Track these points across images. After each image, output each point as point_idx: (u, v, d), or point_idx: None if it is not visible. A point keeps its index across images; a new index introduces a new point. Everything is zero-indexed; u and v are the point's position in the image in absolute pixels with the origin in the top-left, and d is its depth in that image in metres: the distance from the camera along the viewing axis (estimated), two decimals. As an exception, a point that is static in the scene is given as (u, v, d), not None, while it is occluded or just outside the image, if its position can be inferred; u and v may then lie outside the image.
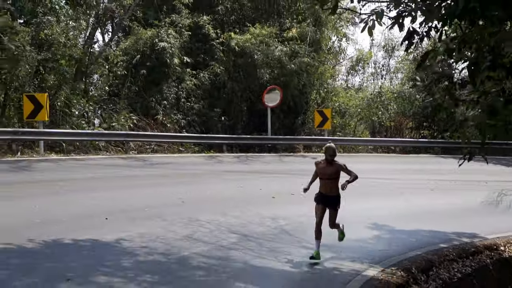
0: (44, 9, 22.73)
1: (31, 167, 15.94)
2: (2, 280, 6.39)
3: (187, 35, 25.34)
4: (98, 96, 24.02)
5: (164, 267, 7.49)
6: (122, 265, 7.40)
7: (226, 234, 9.71)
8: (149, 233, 9.19)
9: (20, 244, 7.89)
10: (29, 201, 11.04)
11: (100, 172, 16.08)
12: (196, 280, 7.10)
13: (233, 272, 7.59)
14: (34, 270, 6.87)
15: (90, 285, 6.47)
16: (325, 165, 9.04)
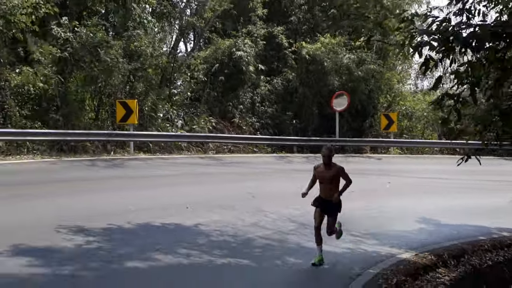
0: (134, 23, 25.26)
1: (124, 164, 18.31)
2: (109, 249, 8.40)
3: (262, 44, 27.26)
4: (181, 101, 26.33)
5: (231, 245, 9.30)
6: (198, 242, 9.26)
7: (286, 223, 11.41)
8: (221, 220, 11.03)
9: (120, 225, 9.91)
10: (125, 193, 13.22)
11: (182, 169, 18.23)
12: (255, 255, 8.87)
13: (286, 251, 9.30)
14: (131, 243, 8.84)
15: (173, 254, 8.37)
16: (324, 169, 8.82)
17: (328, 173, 8.75)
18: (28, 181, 14.10)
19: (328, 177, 8.74)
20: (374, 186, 16.66)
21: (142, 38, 24.07)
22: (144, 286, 7.05)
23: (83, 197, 12.26)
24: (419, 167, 22.18)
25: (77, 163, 17.77)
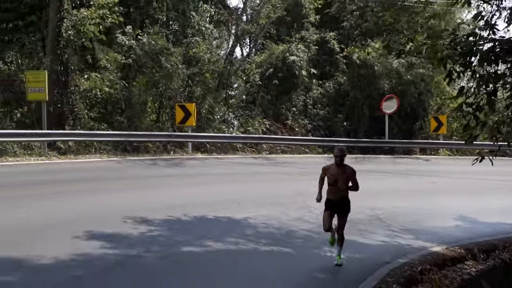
0: (193, 31, 26.73)
1: (183, 163, 19.68)
2: (168, 236, 9.61)
3: (315, 49, 28.25)
4: (237, 104, 27.61)
5: (275, 236, 10.36)
6: (246, 233, 10.38)
7: (329, 218, 12.42)
8: (268, 214, 12.09)
9: (178, 217, 11.14)
10: (182, 189, 14.52)
11: (236, 169, 19.43)
12: (296, 244, 9.91)
13: (325, 242, 10.27)
14: (187, 232, 10.03)
15: (223, 242, 9.50)
16: (337, 170, 8.64)
17: (342, 174, 8.62)
18: (96, 177, 15.62)
19: (341, 179, 8.62)
20: (418, 186, 17.38)
21: (200, 44, 25.47)
22: (195, 265, 8.22)
23: (146, 192, 13.61)
24: (467, 168, 22.48)
25: (140, 162, 19.28)
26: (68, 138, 20.42)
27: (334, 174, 8.60)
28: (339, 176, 8.57)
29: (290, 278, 7.66)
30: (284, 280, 7.59)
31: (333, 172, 8.61)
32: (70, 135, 20.58)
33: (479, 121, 8.26)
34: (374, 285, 7.65)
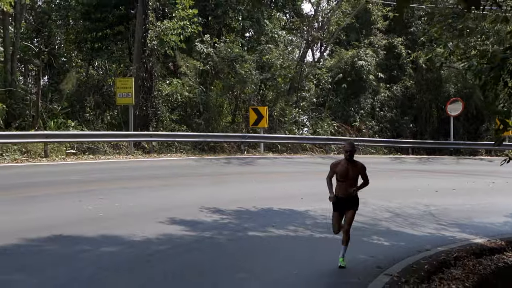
0: (266, 38, 28.34)
1: (254, 162, 21.28)
2: (237, 223, 11.14)
3: (383, 54, 29.21)
4: (307, 106, 29.01)
5: (330, 226, 11.69)
6: (305, 223, 11.75)
7: (383, 212, 13.51)
8: (328, 208, 13.20)
9: (247, 208, 12.63)
10: (253, 185, 16.07)
11: (303, 168, 20.79)
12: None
13: (375, 232, 11.50)
14: (253, 221, 11.50)
15: (284, 229, 10.89)
16: (347, 165, 8.51)
17: (352, 170, 8.48)
18: (177, 174, 17.44)
19: (352, 174, 8.49)
20: (477, 186, 18.10)
21: (273, 51, 27.02)
22: (257, 246, 9.66)
23: (220, 187, 15.24)
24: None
25: (215, 161, 21.04)
26: (152, 139, 22.50)
27: (344, 170, 8.47)
28: (349, 172, 8.46)
29: (336, 260, 8.96)
30: (332, 261, 8.90)
31: (343, 168, 8.48)
32: (153, 136, 22.65)
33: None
34: (408, 264, 8.85)
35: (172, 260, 8.33)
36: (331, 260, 8.83)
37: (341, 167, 8.48)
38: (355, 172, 8.46)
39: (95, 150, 21.55)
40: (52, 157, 19.39)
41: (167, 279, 7.46)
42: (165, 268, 7.88)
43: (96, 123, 24.20)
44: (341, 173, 8.47)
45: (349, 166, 8.43)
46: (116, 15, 27.75)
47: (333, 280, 8.14)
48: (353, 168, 8.44)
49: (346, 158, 8.45)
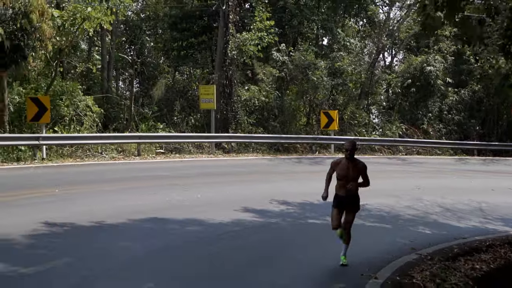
0: (338, 46, 29.87)
1: (323, 162, 22.84)
2: (300, 213, 12.85)
3: (451, 60, 30.01)
4: (377, 110, 30.29)
5: (382, 217, 13.13)
6: (360, 214, 13.19)
7: (434, 207, 14.74)
8: (383, 202, 14.77)
9: (311, 201, 14.08)
10: (319, 182, 17.68)
11: (369, 167, 22.16)
12: (397, 223, 12.56)
13: (423, 224, 12.84)
14: (315, 211, 13.04)
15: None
16: (347, 164, 8.33)
17: (353, 169, 8.33)
18: (252, 171, 19.35)
19: (352, 174, 8.33)
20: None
21: (344, 58, 28.52)
22: (314, 230, 11.34)
23: (289, 183, 17.01)
24: None
25: (288, 160, 22.87)
26: (231, 140, 24.63)
27: (344, 169, 8.33)
28: (350, 171, 8.31)
29: (379, 243, 10.47)
30: (375, 243, 10.44)
31: (344, 167, 8.34)
32: (232, 138, 24.77)
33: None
34: (440, 248, 10.26)
35: (241, 238, 10.21)
36: (368, 243, 10.33)
37: (341, 166, 8.35)
38: (355, 172, 8.32)
39: (181, 149, 23.93)
40: (144, 156, 21.87)
41: (235, 250, 9.37)
42: (234, 243, 9.80)
43: (182, 125, 26.66)
44: (341, 172, 8.34)
45: (350, 165, 8.32)
46: (200, 25, 30.22)
47: (367, 255, 9.59)
48: (353, 168, 8.30)
49: (346, 157, 8.32)
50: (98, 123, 24.68)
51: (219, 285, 7.65)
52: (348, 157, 8.23)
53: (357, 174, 8.32)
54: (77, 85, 24.83)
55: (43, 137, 19.10)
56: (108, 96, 28.20)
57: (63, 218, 10.61)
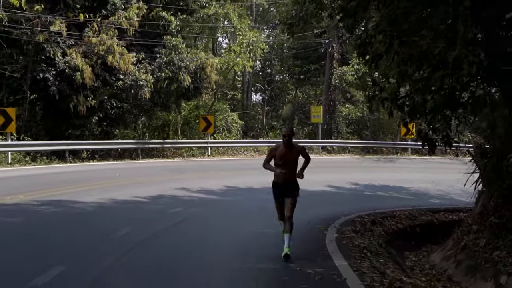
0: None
1: (395, 161, 29.19)
2: (361, 190, 19.54)
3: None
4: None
5: (416, 194, 19.37)
6: (402, 191, 19.90)
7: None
8: (429, 188, 21.26)
9: (373, 184, 20.60)
10: (386, 173, 24.31)
11: (431, 165, 28.33)
12: (422, 198, 18.51)
13: (447, 199, 19.11)
14: (374, 190, 19.25)
15: (389, 193, 18.96)
16: (285, 149, 7.87)
17: (291, 154, 7.88)
18: (342, 165, 25.50)
19: (291, 159, 7.87)
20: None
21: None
22: (368, 197, 17.61)
23: (363, 173, 23.24)
24: None
25: (371, 159, 29.38)
26: (333, 144, 31.74)
27: (284, 154, 7.87)
28: (288, 156, 7.86)
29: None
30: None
31: (282, 153, 7.89)
32: (334, 143, 31.83)
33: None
34: (379, 211, 16.75)
35: (316, 198, 15.13)
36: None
37: (279, 152, 7.94)
38: (294, 155, 7.93)
39: (297, 151, 31.58)
40: (271, 154, 29.77)
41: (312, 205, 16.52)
42: (313, 200, 16.25)
43: (298, 134, 34.38)
44: (280, 156, 7.88)
45: (287, 149, 7.89)
46: (315, 56, 37.76)
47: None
48: (291, 152, 7.91)
49: (284, 142, 7.93)
50: (241, 131, 33.10)
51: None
52: (286, 142, 7.89)
53: (296, 157, 7.96)
54: (226, 105, 33.52)
55: (210, 142, 27.79)
56: (247, 112, 36.67)
57: (216, 185, 16.44)
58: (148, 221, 10.51)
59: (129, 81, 24.39)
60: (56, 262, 6.94)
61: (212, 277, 6.82)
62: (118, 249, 8.01)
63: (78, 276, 6.54)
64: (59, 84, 22.79)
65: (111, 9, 24.05)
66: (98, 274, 6.71)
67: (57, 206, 11.91)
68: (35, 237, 8.84)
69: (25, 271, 6.55)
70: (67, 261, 7.09)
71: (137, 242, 8.53)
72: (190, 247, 8.56)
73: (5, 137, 20.81)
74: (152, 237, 9.05)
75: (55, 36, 22.43)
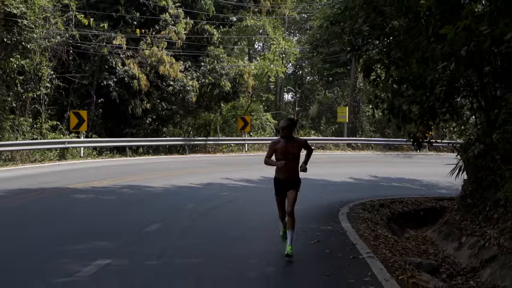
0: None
1: (413, 156, 31.90)
2: (378, 181, 22.47)
3: None
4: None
5: (430, 184, 22.40)
6: (431, 184, 22.71)
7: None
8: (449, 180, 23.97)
9: (389, 177, 23.77)
10: (403, 168, 27.10)
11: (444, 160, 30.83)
12: (443, 187, 21.83)
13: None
14: (388, 181, 22.28)
15: (408, 184, 21.91)
16: (285, 144, 7.35)
17: (292, 148, 7.37)
18: (363, 160, 28.43)
19: (292, 153, 7.37)
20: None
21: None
22: (383, 187, 20.83)
23: (381, 167, 26.14)
24: None
25: (391, 155, 32.15)
26: (357, 141, 34.47)
27: (284, 148, 7.38)
28: (289, 151, 7.39)
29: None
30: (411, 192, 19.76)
31: (283, 147, 7.39)
32: (358, 140, 34.55)
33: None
34: (387, 198, 19.53)
35: (336, 187, 18.03)
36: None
37: (280, 146, 7.44)
38: (296, 148, 7.46)
39: (325, 147, 34.53)
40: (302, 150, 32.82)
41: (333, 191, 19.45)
42: (334, 189, 18.87)
43: (326, 132, 37.31)
44: (281, 151, 7.40)
45: (288, 144, 7.41)
46: (341, 61, 40.52)
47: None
48: (293, 146, 7.45)
49: (283, 136, 7.47)
50: (274, 129, 36.22)
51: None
52: (285, 136, 7.41)
53: (298, 150, 7.49)
54: (261, 106, 36.68)
55: (247, 139, 31.01)
56: (279, 112, 39.75)
57: (255, 176, 18.78)
58: (206, 200, 13.62)
59: (178, 87, 27.74)
60: (154, 221, 10.20)
61: (258, 233, 9.93)
62: (191, 215, 11.24)
63: (172, 227, 9.79)
64: (119, 89, 26.29)
65: (163, 25, 27.40)
66: (184, 226, 9.99)
67: (134, 189, 15.19)
68: (131, 208, 12.15)
69: (137, 225, 9.83)
70: (161, 221, 10.36)
71: (203, 212, 11.73)
72: (240, 215, 11.72)
73: (77, 135, 24.38)
74: (213, 209, 12.22)
75: (116, 49, 25.89)
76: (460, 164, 13.25)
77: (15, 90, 20.95)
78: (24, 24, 19.89)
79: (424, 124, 12.16)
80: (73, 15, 23.35)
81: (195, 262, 7.44)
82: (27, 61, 20.40)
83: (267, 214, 11.26)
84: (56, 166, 21.04)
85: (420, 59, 11.03)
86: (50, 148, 22.51)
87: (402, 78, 11.59)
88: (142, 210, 11.71)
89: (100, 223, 10.18)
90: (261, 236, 9.47)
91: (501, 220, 10.11)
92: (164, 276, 6.70)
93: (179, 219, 10.65)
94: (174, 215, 11.13)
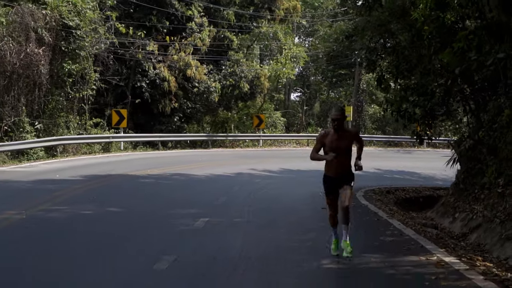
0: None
1: (412, 152, 34.54)
2: (381, 173, 25.10)
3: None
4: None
5: (433, 177, 25.02)
6: (420, 177, 25.33)
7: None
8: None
9: (390, 169, 26.28)
10: (402, 162, 29.70)
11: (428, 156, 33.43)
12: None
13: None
14: (389, 173, 25.05)
15: (407, 177, 24.55)
16: (336, 136, 6.43)
17: (343, 141, 6.44)
18: (367, 156, 31.78)
19: (344, 146, 6.45)
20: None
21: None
22: (385, 178, 23.39)
23: (381, 161, 28.85)
24: None
25: (392, 150, 34.60)
26: (360, 138, 37.30)
27: (335, 141, 6.47)
28: (340, 144, 6.47)
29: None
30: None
31: (333, 140, 6.48)
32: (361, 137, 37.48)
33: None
34: (392, 186, 22.16)
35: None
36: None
37: (330, 139, 6.55)
38: (347, 142, 6.58)
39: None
40: (310, 146, 35.40)
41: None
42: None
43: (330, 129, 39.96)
44: (330, 145, 6.51)
45: (339, 136, 6.51)
46: (345, 63, 43.21)
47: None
48: (344, 138, 6.55)
49: (334, 127, 6.50)
50: (284, 127, 38.94)
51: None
52: (336, 128, 6.51)
53: (350, 142, 6.67)
54: (271, 105, 39.37)
55: (261, 135, 33.71)
56: (288, 111, 42.42)
57: (275, 167, 20.74)
58: (245, 185, 16.13)
59: (202, 88, 30.41)
60: (219, 196, 12.92)
61: (291, 209, 12.47)
62: (242, 194, 13.92)
63: (235, 201, 12.52)
64: (151, 90, 28.94)
65: (189, 32, 30.04)
66: (244, 199, 12.81)
67: (182, 176, 17.80)
68: (191, 189, 14.81)
69: (209, 199, 12.45)
70: (224, 196, 13.05)
71: (249, 192, 14.35)
72: (280, 194, 14.36)
73: (117, 131, 27.04)
74: (256, 190, 14.80)
75: (148, 54, 28.52)
76: (454, 157, 15.52)
77: (65, 91, 23.57)
78: (77, 34, 22.50)
79: (426, 124, 14.75)
80: (113, 25, 25.94)
81: (267, 219, 10.28)
82: (76, 65, 22.99)
83: (301, 195, 13.86)
84: (105, 158, 23.70)
85: (423, 71, 13.65)
86: (96, 142, 25.14)
87: (407, 87, 14.22)
88: (202, 190, 14.35)
89: (181, 198, 12.57)
90: (303, 208, 12.12)
91: (486, 199, 12.71)
92: (251, 225, 9.65)
93: (236, 196, 13.35)
94: (230, 193, 13.79)
